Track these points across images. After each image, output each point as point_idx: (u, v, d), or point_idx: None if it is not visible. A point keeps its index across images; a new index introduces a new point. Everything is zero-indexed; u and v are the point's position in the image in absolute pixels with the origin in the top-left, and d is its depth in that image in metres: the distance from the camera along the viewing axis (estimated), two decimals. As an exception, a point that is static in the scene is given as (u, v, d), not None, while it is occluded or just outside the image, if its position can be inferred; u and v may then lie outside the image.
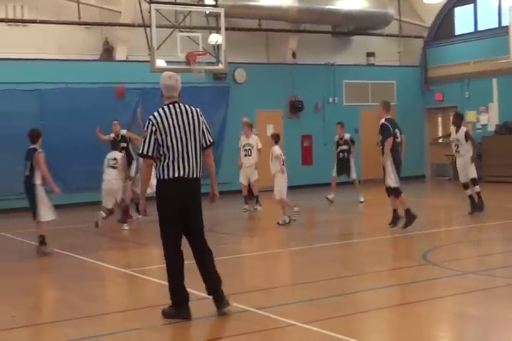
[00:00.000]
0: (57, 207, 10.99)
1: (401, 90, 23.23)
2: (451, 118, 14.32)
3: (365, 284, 8.00)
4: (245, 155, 15.43)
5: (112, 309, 7.26)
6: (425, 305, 6.92)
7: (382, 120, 12.10)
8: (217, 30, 15.98)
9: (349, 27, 22.22)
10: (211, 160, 6.80)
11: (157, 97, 20.45)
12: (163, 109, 6.60)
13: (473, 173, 13.52)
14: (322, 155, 20.39)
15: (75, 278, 9.00)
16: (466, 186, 13.56)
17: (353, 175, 16.07)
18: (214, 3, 15.66)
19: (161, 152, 6.49)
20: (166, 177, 6.48)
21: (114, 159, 13.06)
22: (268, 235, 12.76)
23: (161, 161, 6.51)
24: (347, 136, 16.25)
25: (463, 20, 22.96)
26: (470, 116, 21.88)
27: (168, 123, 6.49)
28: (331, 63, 21.94)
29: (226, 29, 15.86)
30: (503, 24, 20.63)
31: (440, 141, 17.35)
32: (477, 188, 13.49)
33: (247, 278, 8.73)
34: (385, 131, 11.91)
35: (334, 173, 15.86)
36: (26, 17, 17.59)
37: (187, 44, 15.19)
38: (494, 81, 21.20)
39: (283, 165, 12.68)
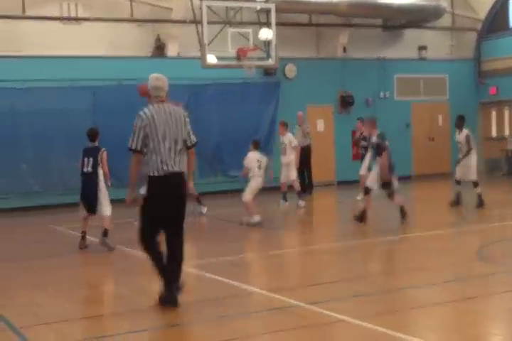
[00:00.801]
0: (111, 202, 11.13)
1: (454, 84, 22.90)
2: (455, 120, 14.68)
3: (418, 280, 7.94)
4: (282, 154, 15.58)
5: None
6: (479, 302, 6.86)
7: (374, 138, 12.23)
8: (268, 25, 15.95)
9: (400, 20, 21.96)
10: (193, 160, 7.30)
11: (207, 93, 20.70)
12: (152, 106, 7.03)
13: (473, 176, 13.95)
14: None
15: (127, 271, 9.14)
16: (458, 182, 14.15)
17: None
18: (264, -2, 15.65)
19: (150, 147, 6.88)
20: (154, 172, 6.86)
21: None
22: (317, 230, 12.73)
23: (150, 156, 6.88)
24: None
25: (518, 12, 22.57)
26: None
27: (158, 120, 6.90)
28: (382, 57, 21.74)
29: (276, 24, 15.83)
30: (560, 15, 20.17)
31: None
32: (478, 189, 13.91)
33: (297, 273, 8.73)
34: (379, 148, 12.05)
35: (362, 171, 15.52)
36: (80, 15, 17.85)
37: (237, 40, 15.22)
38: (552, 73, 20.75)
39: (260, 170, 12.84)
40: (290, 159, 15.58)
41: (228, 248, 10.73)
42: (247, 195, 12.81)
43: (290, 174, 15.69)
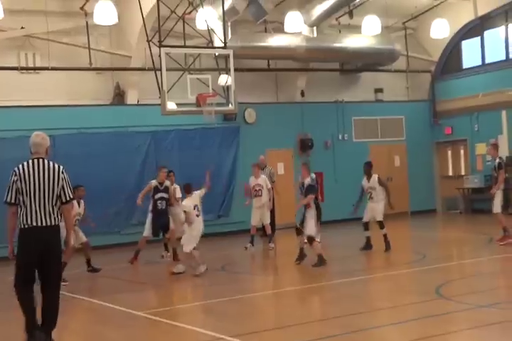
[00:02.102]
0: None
1: (410, 125, 23.31)
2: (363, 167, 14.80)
3: (381, 320, 8.03)
4: (255, 196, 15.64)
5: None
6: (442, 340, 6.93)
7: (308, 180, 12.96)
8: (227, 71, 16.18)
9: (357, 64, 22.45)
10: (68, 215, 7.36)
11: (168, 139, 20.82)
12: (27, 162, 7.31)
13: (380, 216, 14.22)
14: (333, 192, 20.49)
15: (88, 321, 9.06)
16: (366, 226, 14.34)
17: None
18: (223, 45, 15.89)
19: (20, 201, 7.13)
20: (24, 225, 7.08)
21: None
22: (281, 273, 12.78)
23: (20, 209, 7.13)
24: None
25: (470, 54, 23.11)
26: (479, 148, 21.93)
27: (29, 175, 7.16)
28: (340, 100, 22.11)
29: (235, 70, 16.01)
30: (511, 56, 20.80)
31: None
32: (384, 231, 14.11)
33: (261, 317, 8.74)
34: (311, 190, 12.82)
35: None
36: (38, 64, 17.88)
37: (197, 86, 15.37)
38: (503, 113, 21.26)
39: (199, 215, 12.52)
40: (264, 201, 15.66)
41: (190, 294, 10.72)
42: (188, 246, 12.22)
43: (265, 218, 15.78)
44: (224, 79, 16.86)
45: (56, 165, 7.37)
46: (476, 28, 22.53)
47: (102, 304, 10.04)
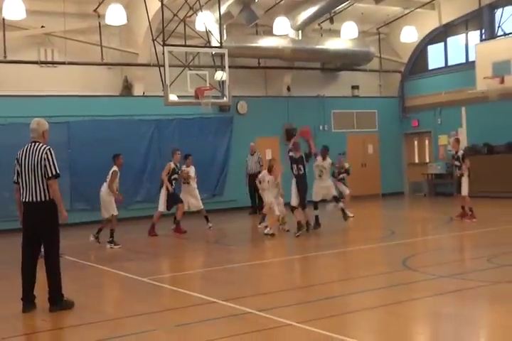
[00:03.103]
0: (82, 224, 10.99)
1: (382, 118, 23.28)
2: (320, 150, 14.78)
3: (353, 288, 7.98)
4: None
5: (130, 313, 7.20)
6: (405, 306, 6.90)
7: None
8: (222, 68, 16.05)
9: (336, 63, 22.35)
10: (52, 190, 7.18)
11: (169, 127, 20.75)
12: (24, 146, 7.36)
13: (334, 191, 14.47)
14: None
15: (98, 286, 8.99)
16: (316, 206, 13.97)
17: None
18: (219, 45, 15.75)
19: (19, 179, 7.28)
20: (21, 200, 7.26)
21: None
22: (267, 246, 12.72)
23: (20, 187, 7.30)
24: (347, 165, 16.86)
25: (435, 57, 23.05)
26: (442, 139, 21.96)
27: (22, 158, 7.24)
28: (321, 95, 22.03)
29: (230, 67, 15.92)
30: (470, 60, 20.72)
31: None
32: (340, 204, 14.36)
33: (248, 284, 8.68)
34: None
35: None
36: (56, 59, 17.73)
37: (196, 81, 15.27)
38: (463, 109, 21.24)
39: None
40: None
41: (188, 263, 10.66)
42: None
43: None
44: (219, 75, 16.76)
45: (42, 147, 7.25)
46: (440, 34, 22.46)
47: (111, 271, 9.95)
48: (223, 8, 17.12)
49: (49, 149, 7.23)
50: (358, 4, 19.90)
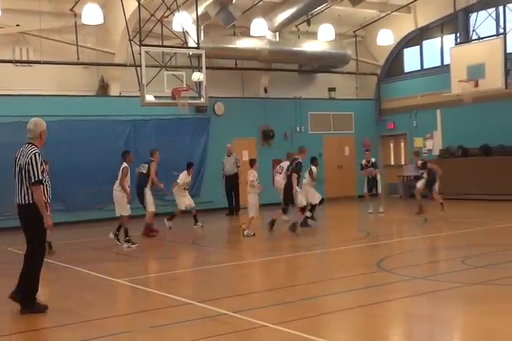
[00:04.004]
0: (58, 225, 10.86)
1: (358, 120, 23.41)
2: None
3: (330, 289, 8.00)
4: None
5: (105, 315, 7.15)
6: (380, 307, 6.94)
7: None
8: (199, 69, 16.01)
9: (313, 66, 22.43)
10: (35, 195, 6.97)
11: (146, 127, 20.65)
12: (21, 146, 7.23)
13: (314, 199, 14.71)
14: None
15: (73, 287, 8.90)
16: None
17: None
18: (196, 45, 15.71)
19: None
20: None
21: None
22: (245, 247, 12.72)
23: None
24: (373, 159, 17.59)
25: (411, 60, 23.26)
26: (417, 142, 22.14)
27: (17, 158, 7.10)
28: (298, 97, 22.08)
29: (207, 68, 15.91)
30: (445, 63, 20.93)
31: None
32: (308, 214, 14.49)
33: (226, 285, 8.66)
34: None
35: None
36: (31, 58, 17.53)
37: (172, 81, 15.23)
38: (438, 112, 21.46)
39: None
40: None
41: (164, 264, 10.61)
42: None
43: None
44: (197, 76, 16.74)
45: (30, 149, 7.06)
46: (416, 37, 22.68)
47: (87, 272, 9.86)
48: (200, 9, 17.11)
49: (34, 154, 7.00)
50: (335, 7, 19.99)
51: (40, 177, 6.97)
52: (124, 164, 12.65)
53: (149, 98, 15.33)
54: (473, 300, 7.10)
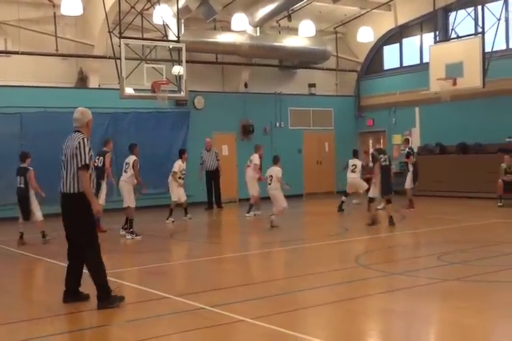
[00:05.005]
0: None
1: (338, 116, 23.47)
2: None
3: (309, 284, 7.98)
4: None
5: (82, 308, 7.06)
6: (357, 302, 6.96)
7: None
8: (179, 62, 15.95)
9: (294, 61, 22.42)
10: (80, 181, 6.78)
11: (125, 120, 20.50)
12: (68, 135, 7.07)
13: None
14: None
15: (49, 281, 8.78)
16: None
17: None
18: (176, 39, 15.61)
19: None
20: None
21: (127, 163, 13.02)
22: (223, 241, 12.69)
23: None
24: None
25: (390, 57, 23.37)
26: (396, 139, 22.24)
27: (65, 146, 6.95)
28: (278, 92, 22.06)
29: (187, 62, 15.84)
30: (424, 61, 21.03)
31: None
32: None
33: (203, 280, 8.62)
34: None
35: None
36: (9, 49, 17.26)
37: (152, 74, 15.13)
38: (417, 109, 21.58)
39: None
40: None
41: (141, 258, 10.53)
42: None
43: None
44: (177, 70, 16.66)
45: (77, 137, 6.90)
46: (395, 35, 22.79)
47: (62, 265, 9.74)
48: (181, 2, 17.01)
49: (83, 138, 6.85)
50: (315, 3, 19.99)
51: (88, 162, 6.79)
52: (134, 157, 12.81)
53: (129, 91, 15.20)
54: (449, 296, 7.15)
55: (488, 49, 17.39)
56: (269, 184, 13.68)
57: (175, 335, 5.91)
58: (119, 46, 14.28)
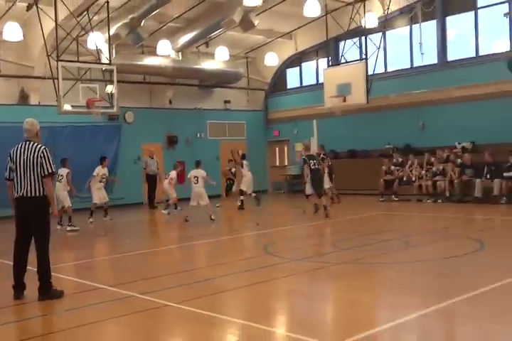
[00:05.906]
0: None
1: (249, 128, 23.64)
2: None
3: (223, 271, 8.00)
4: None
5: (23, 301, 6.79)
6: (266, 285, 7.03)
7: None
8: (111, 82, 15.62)
9: (211, 81, 22.39)
10: (46, 186, 6.66)
11: (63, 133, 19.80)
12: (18, 144, 6.81)
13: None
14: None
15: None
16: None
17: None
18: (108, 62, 15.29)
19: (12, 176, 6.73)
20: (14, 195, 6.71)
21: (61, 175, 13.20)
22: (150, 238, 12.50)
23: (13, 183, 6.74)
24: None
25: (292, 78, 23.74)
26: (297, 146, 22.59)
27: (16, 155, 6.69)
28: (198, 108, 21.99)
29: (118, 82, 15.54)
30: (320, 81, 21.51)
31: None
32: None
33: (134, 271, 8.47)
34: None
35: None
36: (-46, 69, 16.37)
37: (88, 93, 14.76)
38: (314, 122, 21.84)
39: None
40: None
41: (76, 254, 10.24)
42: None
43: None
44: (109, 88, 16.32)
45: (37, 147, 6.68)
46: (296, 60, 23.20)
47: (4, 262, 9.33)
48: (112, 30, 16.66)
49: (45, 148, 6.69)
50: (229, 32, 20.07)
51: (53, 170, 6.67)
52: (66, 169, 13.22)
53: (66, 107, 14.75)
54: (340, 277, 7.35)
55: (370, 72, 18.04)
56: (196, 183, 13.66)
57: (109, 320, 5.78)
58: (57, 68, 13.83)
